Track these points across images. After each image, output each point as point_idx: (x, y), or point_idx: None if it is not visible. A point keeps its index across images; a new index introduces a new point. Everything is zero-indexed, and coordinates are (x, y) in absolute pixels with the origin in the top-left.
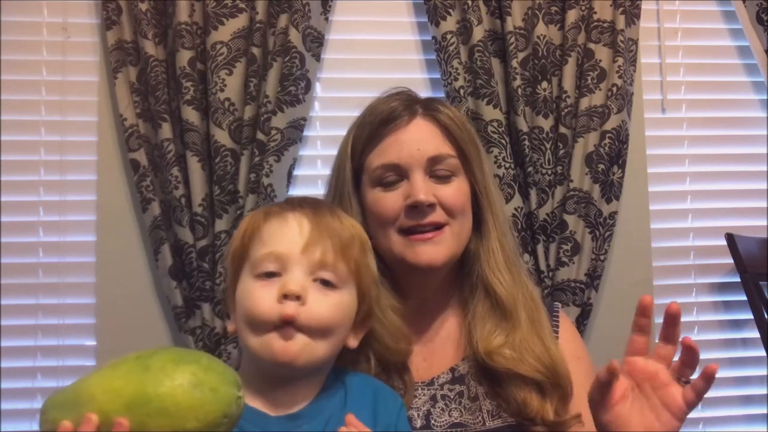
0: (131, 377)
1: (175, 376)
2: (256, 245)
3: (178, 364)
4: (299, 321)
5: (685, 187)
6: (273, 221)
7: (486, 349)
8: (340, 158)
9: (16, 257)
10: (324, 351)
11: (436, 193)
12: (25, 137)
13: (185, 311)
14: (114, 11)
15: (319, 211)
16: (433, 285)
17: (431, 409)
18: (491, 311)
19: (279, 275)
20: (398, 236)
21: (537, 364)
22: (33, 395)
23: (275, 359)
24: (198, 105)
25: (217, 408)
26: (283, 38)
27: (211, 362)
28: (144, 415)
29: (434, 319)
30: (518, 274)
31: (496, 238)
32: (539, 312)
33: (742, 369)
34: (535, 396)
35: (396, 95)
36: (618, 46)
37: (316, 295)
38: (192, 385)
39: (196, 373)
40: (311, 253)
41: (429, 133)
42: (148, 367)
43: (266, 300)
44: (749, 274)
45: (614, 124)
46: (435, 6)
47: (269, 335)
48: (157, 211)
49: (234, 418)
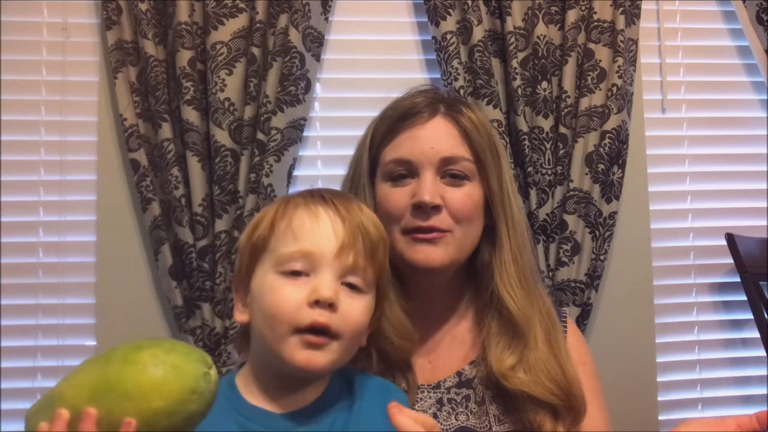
0: (95, 370)
1: (136, 360)
2: (284, 239)
3: (139, 350)
4: (332, 329)
5: (685, 187)
6: (303, 214)
7: (500, 370)
8: (359, 150)
9: (16, 257)
10: (346, 356)
11: (444, 195)
12: (25, 137)
13: (185, 311)
14: (114, 11)
15: (350, 208)
16: (438, 287)
17: (438, 412)
18: (504, 328)
19: (306, 275)
20: (401, 235)
21: (552, 386)
22: (33, 395)
23: (298, 367)
24: (198, 105)
25: (181, 384)
26: (283, 38)
27: (175, 344)
28: (109, 402)
29: (441, 322)
30: (535, 289)
31: (510, 250)
32: (556, 330)
33: (742, 369)
34: (549, 418)
35: (422, 92)
36: (618, 46)
37: (346, 300)
38: (152, 365)
39: (157, 354)
40: (344, 257)
41: (446, 133)
42: (110, 358)
43: (293, 301)
44: (749, 274)
45: (614, 124)
46: (435, 6)
47: (294, 338)
48: (157, 211)
49: (205, 393)
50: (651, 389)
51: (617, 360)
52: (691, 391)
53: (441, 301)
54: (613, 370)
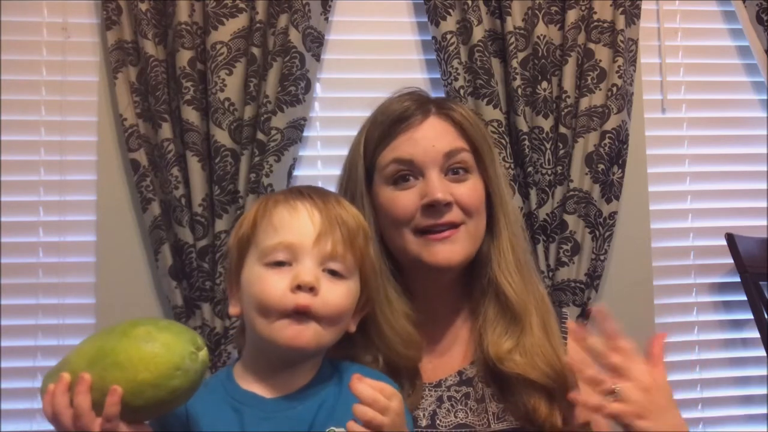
0: (96, 340)
1: (132, 334)
2: (266, 233)
3: (137, 325)
4: (313, 311)
5: (685, 187)
6: (282, 209)
7: (496, 353)
8: (351, 158)
9: (16, 257)
10: (331, 337)
11: (452, 192)
12: (25, 137)
13: (185, 311)
14: (114, 11)
15: (327, 201)
16: (445, 286)
17: (437, 409)
18: (501, 314)
19: (289, 264)
20: (413, 236)
21: (548, 369)
22: (33, 395)
23: (287, 344)
24: (198, 105)
25: (167, 359)
26: (283, 38)
27: (171, 324)
28: (102, 369)
29: (443, 322)
30: (529, 275)
31: (508, 238)
32: (550, 316)
33: (742, 369)
34: (544, 402)
35: (408, 95)
36: (618, 46)
37: (327, 285)
38: (144, 340)
39: (151, 331)
40: (323, 245)
41: (443, 131)
42: (113, 330)
43: (278, 288)
44: (749, 274)
45: (614, 124)
46: (435, 6)
47: (281, 321)
48: (157, 211)
49: (190, 372)
50: None
51: None
52: (691, 391)
53: (443, 300)
54: None
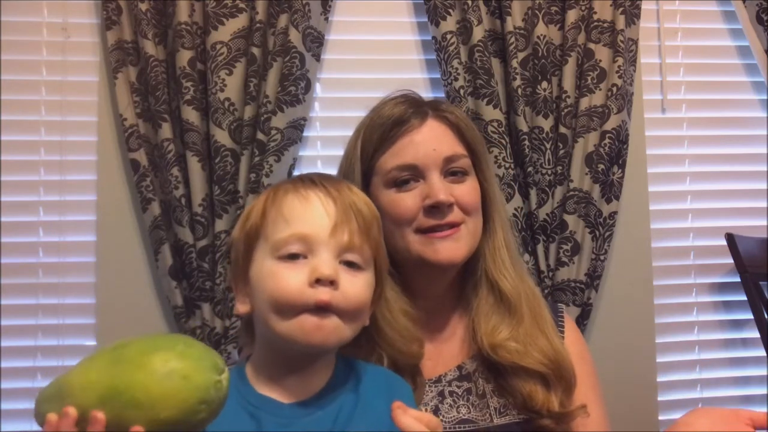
0: (105, 370)
1: (146, 366)
2: (276, 224)
3: (150, 353)
4: (334, 305)
5: (685, 187)
6: (293, 199)
7: (491, 343)
8: (348, 161)
9: (16, 257)
10: (351, 332)
11: (452, 193)
12: (25, 137)
13: (185, 311)
14: (114, 11)
15: (341, 189)
16: (444, 284)
17: (439, 405)
18: (495, 307)
19: (304, 257)
20: (416, 235)
21: (541, 356)
22: (33, 395)
23: (308, 342)
24: (198, 105)
25: (191, 395)
26: (283, 38)
27: (187, 348)
28: (118, 408)
29: (441, 318)
30: (521, 270)
31: (502, 236)
32: (541, 307)
33: (742, 369)
34: (540, 388)
35: (402, 97)
36: (618, 46)
37: (346, 277)
38: (162, 375)
39: (168, 361)
40: (339, 235)
41: (443, 134)
42: (121, 358)
43: (295, 283)
44: (749, 274)
45: (614, 124)
46: (435, 6)
47: (299, 318)
48: (157, 211)
49: (214, 403)
50: (651, 389)
51: (617, 360)
52: (691, 391)
53: (439, 297)
54: (613, 370)
